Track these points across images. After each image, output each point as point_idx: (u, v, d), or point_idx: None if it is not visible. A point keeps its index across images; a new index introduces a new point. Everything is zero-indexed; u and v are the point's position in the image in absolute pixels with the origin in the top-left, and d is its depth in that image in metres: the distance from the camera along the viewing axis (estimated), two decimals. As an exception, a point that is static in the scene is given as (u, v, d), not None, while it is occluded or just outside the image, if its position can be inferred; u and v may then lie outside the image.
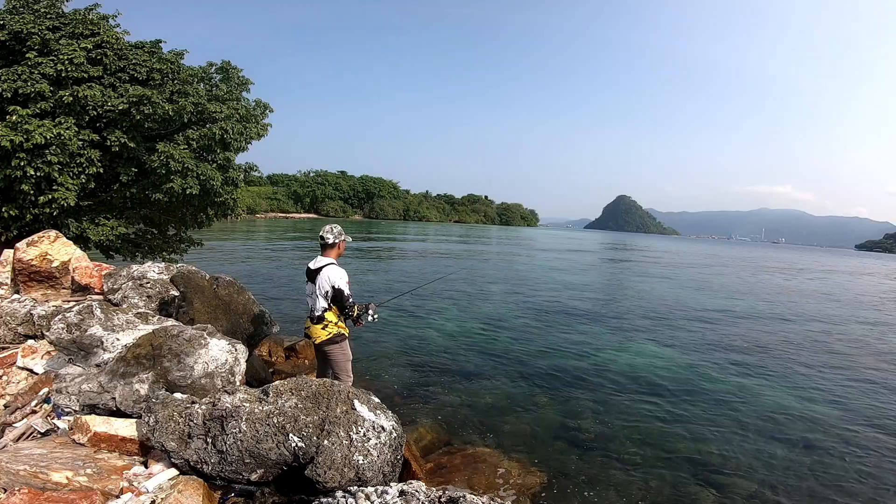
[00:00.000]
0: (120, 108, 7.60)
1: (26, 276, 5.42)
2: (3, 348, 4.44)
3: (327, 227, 3.96)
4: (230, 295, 4.90)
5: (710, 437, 5.36)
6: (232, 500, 2.83)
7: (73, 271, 5.49)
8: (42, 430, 3.20)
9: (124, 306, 4.66)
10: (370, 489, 2.43)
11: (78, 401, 3.26)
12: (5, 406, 3.60)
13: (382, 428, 2.84)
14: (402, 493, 2.40)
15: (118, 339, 3.83)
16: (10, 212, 7.40)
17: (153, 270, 5.21)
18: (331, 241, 3.92)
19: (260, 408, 2.80)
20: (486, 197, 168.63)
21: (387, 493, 2.38)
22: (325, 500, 2.44)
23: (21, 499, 2.26)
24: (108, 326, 3.91)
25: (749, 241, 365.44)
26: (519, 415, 5.64)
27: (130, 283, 4.98)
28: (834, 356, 9.68)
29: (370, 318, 3.97)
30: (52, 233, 5.70)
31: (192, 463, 2.77)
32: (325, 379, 3.25)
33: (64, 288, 5.57)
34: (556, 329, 10.43)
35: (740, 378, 7.68)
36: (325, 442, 2.68)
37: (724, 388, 7.13)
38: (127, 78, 8.25)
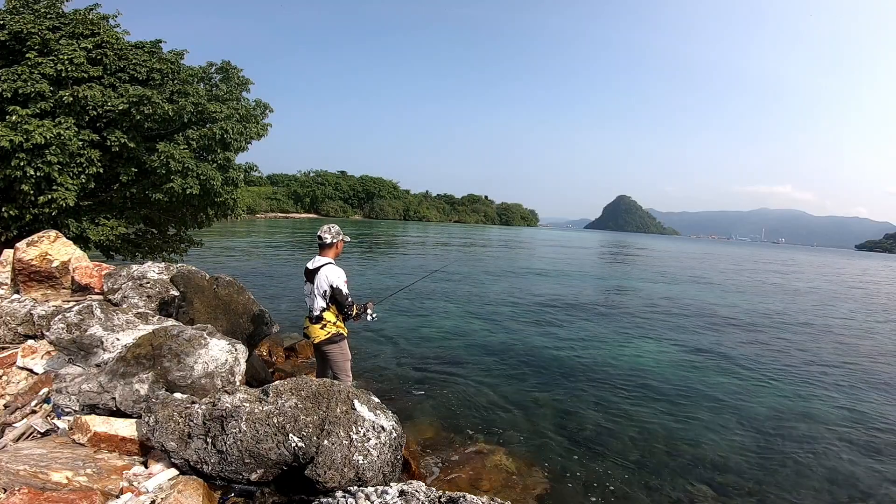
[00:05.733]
0: (120, 108, 7.61)
1: (26, 276, 5.42)
2: (3, 348, 4.44)
3: (325, 227, 3.97)
4: (230, 295, 4.90)
5: (712, 437, 5.35)
6: (232, 500, 2.83)
7: (73, 271, 5.50)
8: (42, 430, 3.20)
9: (124, 306, 4.66)
10: (370, 489, 2.43)
11: (78, 401, 3.26)
12: (5, 406, 3.60)
13: (382, 428, 2.84)
14: (402, 493, 2.40)
15: (118, 339, 3.83)
16: (10, 212, 7.40)
17: (153, 270, 5.21)
18: (329, 241, 3.92)
19: (260, 408, 2.80)
20: (486, 197, 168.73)
21: (387, 493, 2.38)
22: (325, 500, 2.44)
23: (21, 499, 2.26)
24: (108, 326, 3.91)
25: (749, 241, 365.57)
26: (520, 413, 5.64)
27: (130, 283, 4.98)
28: (835, 354, 9.68)
29: (369, 317, 4.00)
30: (52, 233, 5.70)
31: (192, 463, 2.77)
32: (324, 379, 3.25)
33: (64, 288, 5.57)
34: (557, 327, 10.43)
35: (741, 377, 7.68)
36: (325, 442, 2.68)
37: (726, 386, 7.13)
38: (127, 78, 8.25)
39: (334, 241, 3.94)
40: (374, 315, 4.04)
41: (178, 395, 3.03)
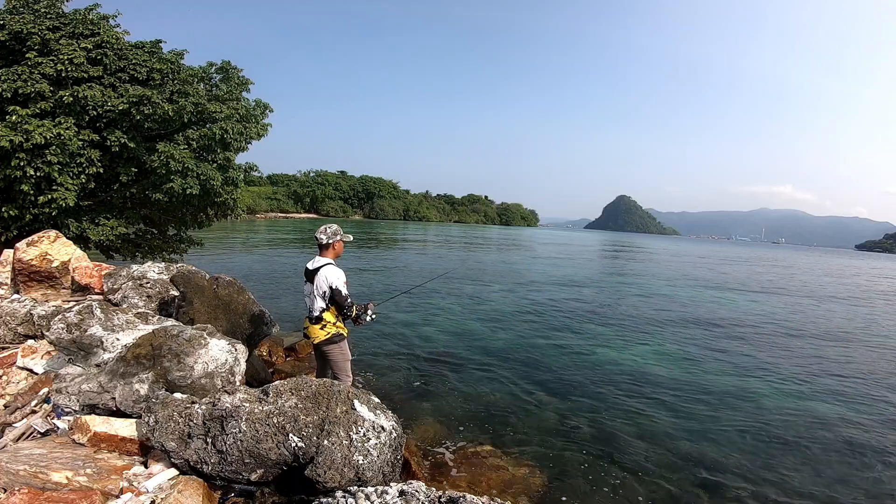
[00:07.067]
0: (120, 108, 7.61)
1: (26, 276, 5.42)
2: (3, 348, 4.44)
3: (322, 228, 3.95)
4: (230, 295, 4.90)
5: (711, 438, 5.35)
6: (232, 500, 2.83)
7: (73, 271, 5.50)
8: (42, 430, 3.20)
9: (124, 306, 4.67)
10: (370, 489, 2.44)
11: (78, 401, 3.26)
12: (5, 406, 3.60)
13: (382, 428, 2.84)
14: (401, 493, 2.40)
15: (118, 339, 3.83)
16: (10, 212, 7.40)
17: (153, 270, 5.22)
18: (325, 241, 3.90)
19: (260, 408, 2.80)
20: (486, 197, 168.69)
21: (387, 494, 2.38)
22: (325, 500, 2.44)
23: (21, 499, 2.26)
24: (108, 326, 3.91)
25: (749, 241, 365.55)
26: (520, 414, 5.64)
27: (130, 283, 4.98)
28: (835, 353, 9.67)
29: (369, 317, 3.99)
30: (52, 233, 5.71)
31: (192, 463, 2.77)
32: (324, 379, 3.25)
33: (64, 288, 5.57)
34: (557, 328, 10.43)
35: (741, 377, 7.68)
36: (325, 442, 2.68)
37: (725, 387, 7.13)
38: (127, 78, 8.26)
39: (331, 241, 3.91)
40: (373, 316, 4.03)
41: (178, 395, 3.03)
